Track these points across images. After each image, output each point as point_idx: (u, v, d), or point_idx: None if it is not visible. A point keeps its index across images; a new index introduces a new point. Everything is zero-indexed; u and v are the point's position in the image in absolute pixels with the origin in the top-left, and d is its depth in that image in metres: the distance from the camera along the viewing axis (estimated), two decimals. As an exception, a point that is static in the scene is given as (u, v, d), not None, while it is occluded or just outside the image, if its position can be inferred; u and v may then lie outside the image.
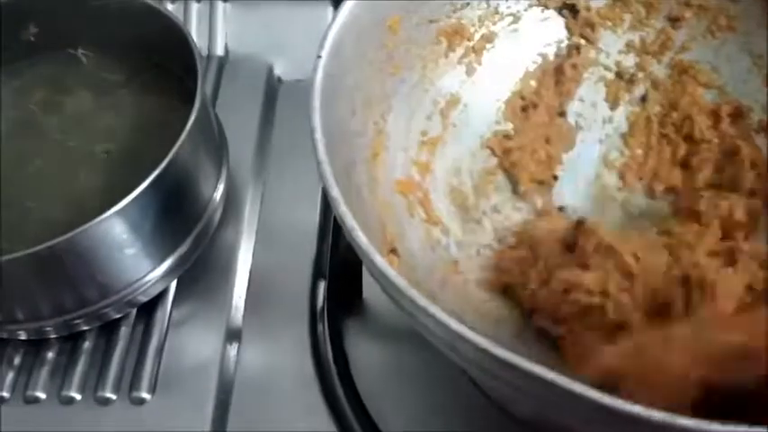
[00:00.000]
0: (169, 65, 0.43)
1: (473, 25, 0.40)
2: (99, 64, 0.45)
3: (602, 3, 0.42)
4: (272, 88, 0.51)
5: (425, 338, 0.28)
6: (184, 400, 0.38)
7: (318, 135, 0.29)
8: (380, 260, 0.26)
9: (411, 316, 0.27)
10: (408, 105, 0.38)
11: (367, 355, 0.40)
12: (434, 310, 0.24)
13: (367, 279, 0.42)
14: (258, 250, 0.44)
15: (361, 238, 0.26)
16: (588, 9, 0.41)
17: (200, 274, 0.42)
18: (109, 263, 0.37)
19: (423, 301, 0.25)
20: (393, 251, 0.33)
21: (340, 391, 0.39)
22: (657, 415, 0.23)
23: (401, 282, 0.25)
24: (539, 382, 0.24)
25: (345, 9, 0.34)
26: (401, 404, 0.38)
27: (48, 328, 0.38)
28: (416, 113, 0.39)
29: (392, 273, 0.25)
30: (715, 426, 0.22)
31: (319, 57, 0.32)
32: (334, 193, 0.27)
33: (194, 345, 0.40)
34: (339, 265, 0.43)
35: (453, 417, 0.38)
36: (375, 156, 0.36)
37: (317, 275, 0.43)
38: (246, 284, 0.43)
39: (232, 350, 0.40)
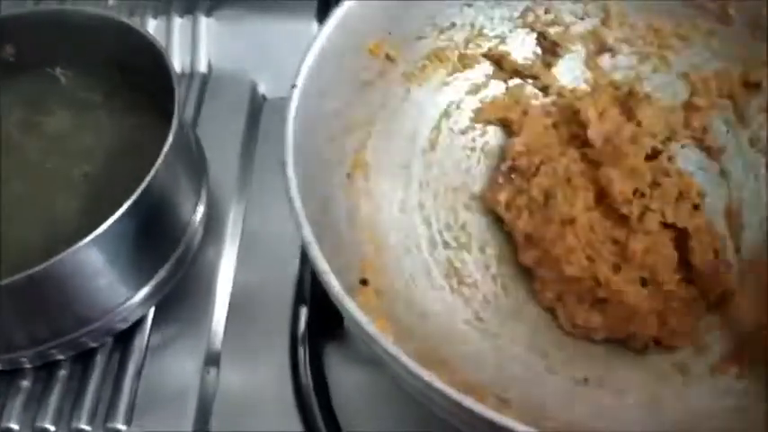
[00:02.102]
0: (147, 84, 0.42)
1: (457, 47, 0.40)
2: (77, 83, 0.44)
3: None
4: (255, 105, 0.50)
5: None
6: (162, 430, 0.37)
7: (291, 171, 0.29)
8: (351, 304, 0.25)
9: (385, 363, 0.26)
10: (389, 131, 0.37)
11: (347, 381, 0.40)
12: (405, 359, 0.24)
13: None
14: (239, 273, 0.43)
15: (333, 282, 0.25)
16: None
17: (180, 298, 0.41)
18: (85, 291, 0.36)
19: (393, 348, 0.24)
20: (364, 281, 0.33)
21: (319, 416, 0.38)
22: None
23: (372, 329, 0.24)
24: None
25: (322, 35, 0.34)
26: (379, 429, 0.38)
27: (22, 359, 0.38)
28: (397, 139, 0.38)
29: (363, 318, 0.25)
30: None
31: (294, 86, 0.31)
32: (306, 233, 0.27)
33: (173, 371, 0.40)
34: (321, 289, 0.42)
35: (433, 445, 0.37)
36: (353, 184, 0.35)
37: (298, 300, 0.42)
38: (227, 308, 0.42)
39: (211, 377, 0.40)
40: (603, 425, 0.31)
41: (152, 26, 0.52)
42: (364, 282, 0.32)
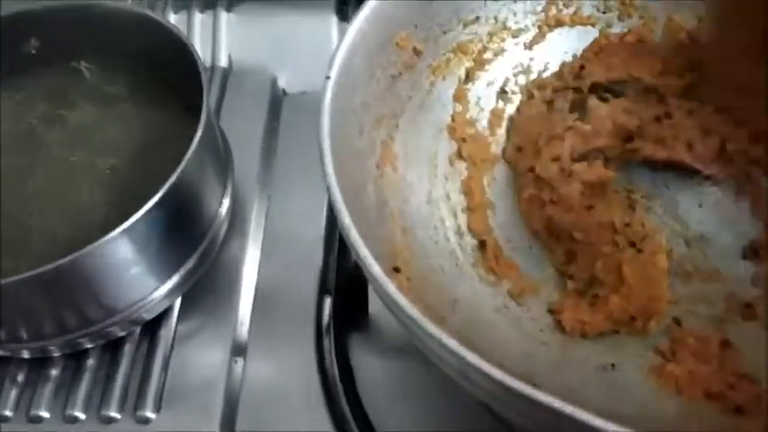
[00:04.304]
0: (172, 78, 0.43)
1: (481, 41, 0.40)
2: (101, 77, 0.45)
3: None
4: (276, 100, 0.50)
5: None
6: (190, 418, 0.38)
7: (328, 160, 0.29)
8: (394, 289, 0.26)
9: (422, 344, 0.26)
10: (416, 123, 0.38)
11: (373, 371, 0.40)
12: (447, 340, 0.24)
13: (373, 294, 0.42)
14: (263, 265, 0.43)
15: (375, 268, 0.26)
16: None
17: (206, 289, 0.42)
18: (114, 282, 0.37)
19: (436, 331, 0.25)
20: (396, 269, 0.33)
21: (345, 407, 0.39)
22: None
23: (416, 313, 0.25)
24: (550, 411, 0.24)
25: (353, 28, 0.34)
26: (406, 419, 0.38)
27: (51, 347, 0.38)
28: (423, 131, 0.39)
29: (405, 302, 0.25)
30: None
31: (328, 78, 0.32)
32: (345, 220, 0.27)
33: (200, 361, 0.40)
34: (345, 279, 0.43)
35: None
36: (382, 175, 0.35)
37: (322, 290, 0.42)
38: (252, 299, 0.42)
39: (237, 366, 0.40)
40: (631, 410, 0.32)
41: (173, 21, 0.52)
42: (397, 269, 0.32)
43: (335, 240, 0.44)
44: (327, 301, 0.42)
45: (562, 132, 0.39)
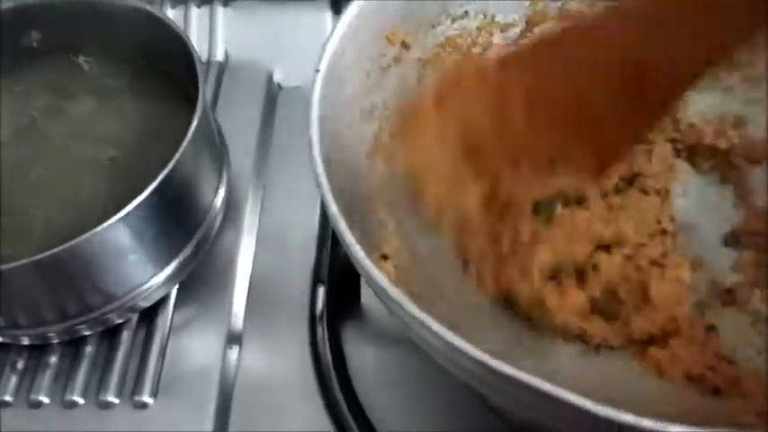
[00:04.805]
0: (170, 71, 0.44)
1: (470, 35, 0.41)
2: (100, 70, 0.46)
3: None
4: (271, 94, 0.51)
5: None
6: (186, 404, 0.39)
7: (317, 152, 0.30)
8: (379, 274, 0.26)
9: (410, 329, 0.27)
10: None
11: (365, 359, 0.41)
12: (434, 324, 0.25)
13: (365, 284, 0.42)
14: (258, 255, 0.44)
15: (360, 254, 0.27)
16: None
17: (201, 278, 0.43)
18: (111, 269, 0.37)
19: (420, 314, 0.25)
20: (384, 257, 0.34)
21: (339, 394, 0.39)
22: (647, 423, 0.23)
23: (402, 298, 0.26)
24: (536, 393, 0.24)
25: (344, 21, 0.35)
26: (398, 407, 0.39)
27: (50, 334, 0.39)
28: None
29: (394, 290, 0.26)
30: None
31: (317, 71, 0.33)
32: (333, 209, 0.28)
33: (196, 349, 0.41)
34: (338, 270, 0.44)
35: (449, 419, 0.38)
36: (373, 167, 0.36)
37: (316, 280, 0.43)
38: (247, 289, 0.43)
39: (233, 354, 0.41)
40: (615, 393, 0.32)
41: (170, 16, 0.53)
42: (384, 257, 0.33)
43: (329, 231, 0.45)
44: (321, 291, 0.43)
45: None
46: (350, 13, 0.35)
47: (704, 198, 0.39)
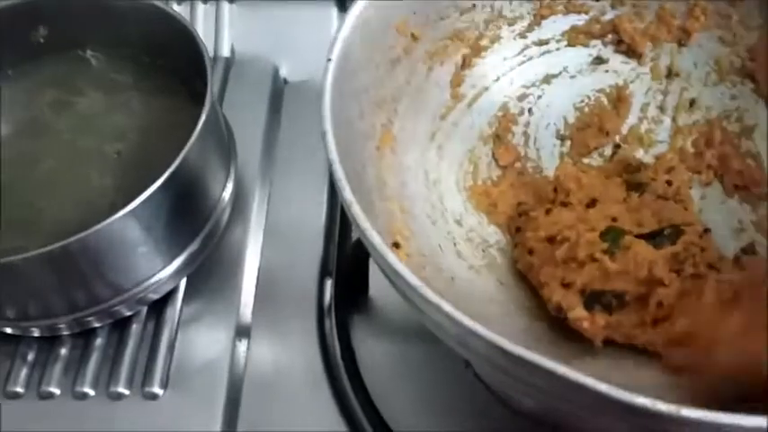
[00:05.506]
0: (177, 66, 0.44)
1: (477, 28, 0.41)
2: (108, 65, 0.46)
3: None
4: (277, 89, 0.51)
5: (431, 334, 0.29)
6: (196, 395, 0.39)
7: (330, 138, 0.30)
8: (394, 259, 0.27)
9: (422, 313, 0.27)
10: (414, 107, 0.39)
11: (374, 351, 0.41)
12: (448, 307, 0.25)
13: (373, 276, 0.43)
14: (266, 248, 0.45)
15: (375, 238, 0.27)
16: None
17: (210, 271, 0.43)
18: (121, 262, 0.38)
19: (435, 298, 0.26)
20: (395, 245, 0.34)
21: (347, 385, 0.40)
22: (663, 406, 0.24)
23: (415, 280, 0.26)
24: (548, 375, 0.25)
25: (354, 12, 0.35)
26: (407, 398, 0.39)
27: (60, 326, 0.39)
28: (421, 116, 0.40)
29: (407, 272, 0.26)
30: (721, 416, 0.23)
31: (329, 60, 0.33)
32: (347, 195, 0.28)
33: (204, 341, 0.41)
34: (346, 262, 0.44)
35: (457, 410, 0.39)
36: (382, 157, 0.36)
37: (324, 273, 0.44)
38: (255, 282, 0.43)
39: (242, 346, 0.41)
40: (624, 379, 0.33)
41: (177, 11, 0.53)
42: (396, 245, 0.33)
43: (336, 224, 0.46)
44: (328, 283, 0.43)
45: None
46: (360, 4, 0.36)
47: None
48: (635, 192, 0.40)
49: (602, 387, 0.24)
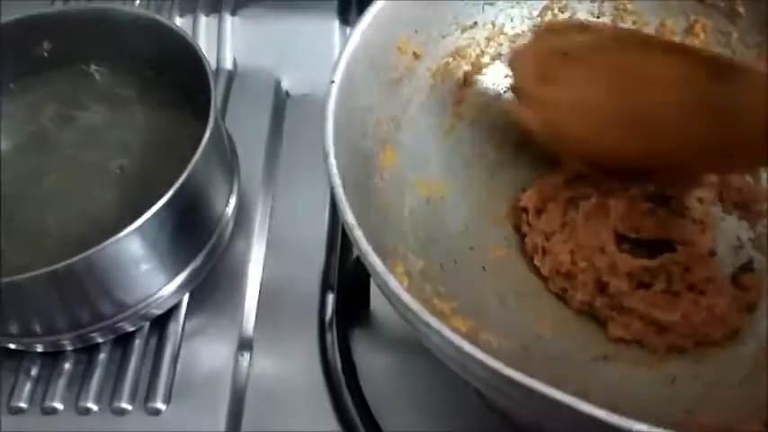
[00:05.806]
0: (181, 80, 0.44)
1: (479, 45, 0.41)
2: (111, 80, 0.46)
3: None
4: (280, 102, 0.52)
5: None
6: (199, 410, 0.39)
7: (332, 161, 0.30)
8: (395, 284, 0.27)
9: (424, 336, 0.28)
10: (417, 125, 0.39)
11: (374, 364, 0.41)
12: (447, 332, 0.26)
13: (374, 291, 0.43)
14: (268, 262, 0.45)
15: (377, 262, 0.27)
16: None
17: (212, 286, 0.43)
18: (125, 279, 0.38)
19: (436, 323, 0.26)
20: (396, 264, 0.34)
21: (348, 400, 0.40)
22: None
23: (415, 305, 0.26)
24: (546, 400, 0.25)
25: (357, 32, 0.35)
26: (407, 412, 0.39)
27: (64, 342, 0.39)
28: (425, 133, 0.40)
29: (406, 296, 0.26)
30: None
31: (332, 82, 0.33)
32: (350, 218, 0.29)
33: (207, 355, 0.41)
34: (347, 276, 0.44)
35: (458, 425, 0.39)
36: (385, 176, 0.37)
37: (325, 287, 0.44)
38: (257, 296, 0.44)
39: (244, 360, 0.41)
40: (620, 398, 0.33)
41: (179, 24, 0.53)
42: (397, 265, 0.34)
43: (338, 238, 0.46)
44: (330, 298, 0.43)
45: None
46: (362, 23, 0.36)
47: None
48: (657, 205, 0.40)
49: (601, 414, 0.24)
